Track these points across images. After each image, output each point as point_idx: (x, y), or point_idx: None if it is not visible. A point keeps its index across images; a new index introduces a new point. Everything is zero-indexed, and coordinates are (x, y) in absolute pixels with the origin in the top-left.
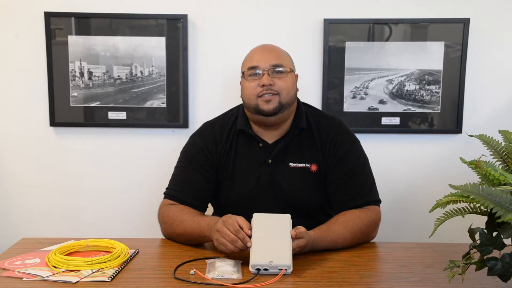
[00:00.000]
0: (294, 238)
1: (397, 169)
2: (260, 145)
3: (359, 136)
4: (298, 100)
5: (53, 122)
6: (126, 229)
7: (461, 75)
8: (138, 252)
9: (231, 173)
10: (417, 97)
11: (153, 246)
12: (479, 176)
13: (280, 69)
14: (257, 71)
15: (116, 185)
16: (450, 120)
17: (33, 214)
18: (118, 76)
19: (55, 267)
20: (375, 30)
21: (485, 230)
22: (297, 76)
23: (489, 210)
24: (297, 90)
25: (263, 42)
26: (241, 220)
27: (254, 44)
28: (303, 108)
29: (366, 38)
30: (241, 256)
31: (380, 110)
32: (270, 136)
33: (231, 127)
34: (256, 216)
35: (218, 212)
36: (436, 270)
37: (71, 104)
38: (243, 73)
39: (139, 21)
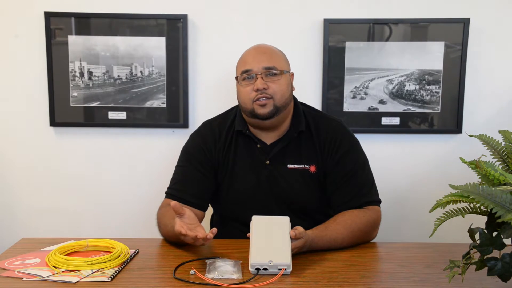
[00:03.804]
0: (293, 239)
1: (397, 169)
2: (258, 146)
3: (359, 136)
4: (295, 100)
5: (53, 122)
6: (126, 229)
7: (461, 75)
8: (138, 252)
9: (230, 173)
10: (417, 97)
11: (153, 246)
12: (479, 176)
13: (273, 71)
14: (251, 75)
15: (116, 185)
16: (450, 120)
17: (33, 214)
18: (118, 76)
19: (55, 267)
20: (375, 30)
21: (485, 230)
22: (292, 74)
23: (489, 210)
24: (293, 89)
25: (263, 42)
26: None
27: (254, 44)
28: (302, 109)
29: (366, 38)
30: (241, 256)
31: (380, 110)
32: (268, 137)
33: (230, 126)
34: (255, 218)
35: (218, 213)
36: (436, 270)
37: (71, 104)
38: (237, 77)
39: (139, 21)
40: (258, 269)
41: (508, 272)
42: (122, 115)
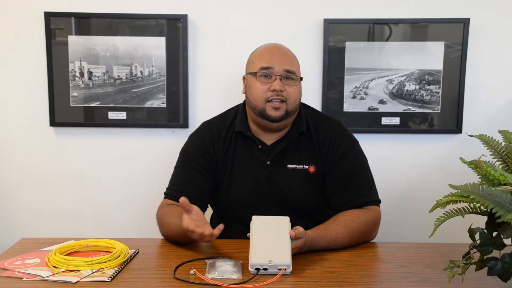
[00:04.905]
0: (293, 239)
1: (397, 169)
2: (259, 146)
3: (359, 136)
4: None
5: (53, 122)
6: (126, 229)
7: (461, 75)
8: (138, 252)
9: (230, 174)
10: (417, 97)
11: (153, 246)
12: (479, 176)
13: (293, 76)
14: (269, 74)
15: (116, 185)
16: (450, 120)
17: (33, 214)
18: (118, 76)
19: (55, 267)
20: (375, 30)
21: (485, 230)
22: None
23: (489, 210)
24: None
25: (263, 42)
26: (191, 227)
27: (254, 44)
28: (303, 110)
29: (366, 38)
30: (241, 256)
31: (380, 110)
32: (268, 138)
33: (229, 127)
34: (255, 218)
35: (217, 214)
36: (436, 270)
37: (71, 104)
38: (254, 72)
39: (139, 21)
40: (258, 269)
41: (508, 272)
42: (122, 115)
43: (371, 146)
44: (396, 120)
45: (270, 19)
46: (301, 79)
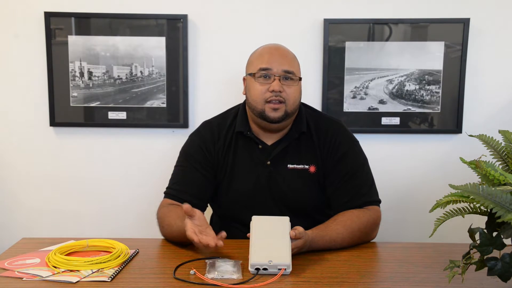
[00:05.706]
0: (293, 239)
1: (397, 169)
2: (260, 146)
3: (359, 136)
4: None
5: (53, 122)
6: (126, 229)
7: (461, 75)
8: (138, 252)
9: (230, 173)
10: (417, 97)
11: (153, 246)
12: (479, 176)
13: (291, 76)
14: (268, 75)
15: (116, 185)
16: (450, 120)
17: (33, 214)
18: (118, 76)
19: (55, 267)
20: (375, 30)
21: (485, 230)
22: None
23: (489, 210)
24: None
25: (263, 42)
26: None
27: (254, 44)
28: (304, 110)
29: (366, 38)
30: (241, 256)
31: (380, 110)
32: (269, 138)
33: (230, 127)
34: (255, 218)
35: (217, 213)
36: (436, 270)
37: (71, 104)
38: (253, 73)
39: (139, 21)
40: (258, 269)
41: (508, 272)
42: (122, 115)
43: (371, 146)
44: (396, 120)
45: (270, 19)
46: (300, 79)
